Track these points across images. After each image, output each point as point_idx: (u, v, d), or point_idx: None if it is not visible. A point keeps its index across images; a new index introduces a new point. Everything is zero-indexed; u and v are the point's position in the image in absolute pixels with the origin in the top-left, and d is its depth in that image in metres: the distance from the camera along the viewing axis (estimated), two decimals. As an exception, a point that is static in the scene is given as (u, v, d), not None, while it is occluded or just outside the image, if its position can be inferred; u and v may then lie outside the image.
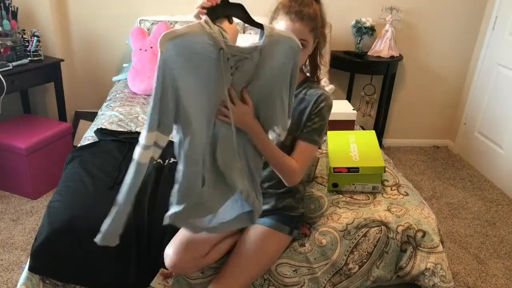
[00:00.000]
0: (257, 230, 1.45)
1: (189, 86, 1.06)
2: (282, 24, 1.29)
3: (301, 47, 1.20)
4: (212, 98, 1.11)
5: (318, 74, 1.47)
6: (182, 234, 1.38)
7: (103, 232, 1.10)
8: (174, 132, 1.11)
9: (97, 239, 1.10)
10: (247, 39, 2.61)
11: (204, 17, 1.08)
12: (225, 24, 1.14)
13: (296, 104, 1.40)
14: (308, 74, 1.47)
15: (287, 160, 1.33)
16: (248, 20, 1.16)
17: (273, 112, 1.23)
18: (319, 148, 1.43)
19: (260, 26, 1.14)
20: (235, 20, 1.18)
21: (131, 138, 1.95)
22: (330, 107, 1.39)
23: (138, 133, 2.00)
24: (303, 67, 1.46)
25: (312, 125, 1.37)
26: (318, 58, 1.44)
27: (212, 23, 1.07)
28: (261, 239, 1.43)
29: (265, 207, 1.46)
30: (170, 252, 1.35)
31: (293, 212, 1.49)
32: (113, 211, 1.10)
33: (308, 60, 1.43)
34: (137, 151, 1.05)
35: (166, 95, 1.03)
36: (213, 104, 1.12)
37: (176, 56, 1.01)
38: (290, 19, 1.28)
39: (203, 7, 1.10)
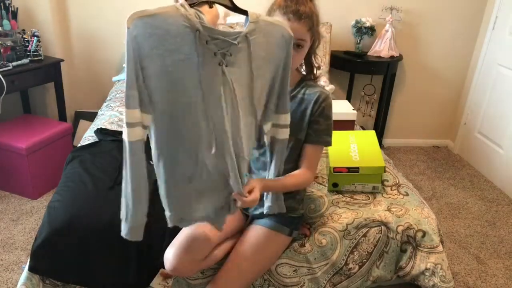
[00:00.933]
0: (257, 231, 1.45)
1: (162, 70, 0.99)
2: None
3: (292, 35, 1.17)
4: (203, 87, 1.03)
5: (315, 72, 1.46)
6: (181, 237, 1.37)
7: (123, 227, 1.09)
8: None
9: (122, 233, 1.10)
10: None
11: (181, 0, 1.02)
12: (204, 8, 1.09)
13: (296, 106, 1.39)
14: (304, 73, 1.46)
15: (300, 179, 1.39)
16: (232, 6, 1.11)
17: (281, 101, 1.22)
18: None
19: (244, 12, 1.09)
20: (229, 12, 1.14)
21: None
22: (331, 105, 1.40)
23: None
24: (299, 66, 1.44)
25: (319, 127, 1.39)
26: (313, 57, 1.42)
27: (189, 6, 1.01)
28: (260, 240, 1.43)
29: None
30: (170, 256, 1.34)
31: (293, 213, 1.48)
32: (122, 202, 1.08)
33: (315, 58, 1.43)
34: (123, 131, 1.02)
35: (138, 72, 0.99)
36: (204, 94, 1.04)
37: (147, 36, 0.96)
38: (287, 19, 1.26)
39: None
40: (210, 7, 1.10)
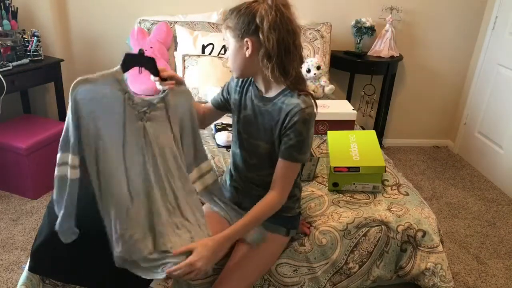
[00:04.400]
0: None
1: (98, 125, 1.20)
2: None
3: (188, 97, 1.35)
4: (127, 140, 1.25)
5: (300, 86, 1.31)
6: None
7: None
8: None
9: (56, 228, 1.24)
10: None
11: (116, 68, 1.24)
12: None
13: (274, 112, 1.32)
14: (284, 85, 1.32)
15: (265, 209, 1.31)
16: (156, 74, 1.32)
17: (198, 152, 1.40)
18: (303, 164, 1.37)
19: (165, 79, 1.33)
20: None
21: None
22: (305, 120, 1.26)
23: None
24: (266, 75, 1.28)
25: (288, 141, 1.29)
26: (285, 65, 1.26)
27: (122, 72, 1.26)
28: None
29: None
30: None
31: (289, 213, 1.47)
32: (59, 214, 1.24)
33: (270, 69, 1.26)
34: (56, 169, 1.20)
35: (74, 126, 1.19)
36: (127, 147, 1.25)
37: (88, 100, 1.19)
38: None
39: None
40: (140, 72, 1.33)
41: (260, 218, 1.32)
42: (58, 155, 1.20)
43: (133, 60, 1.30)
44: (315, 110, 1.31)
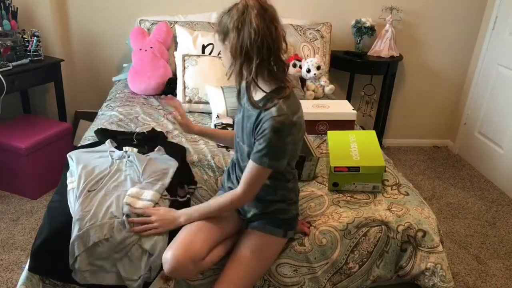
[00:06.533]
0: (251, 235, 1.44)
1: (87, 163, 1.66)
2: None
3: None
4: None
5: (284, 91, 1.30)
6: (179, 239, 1.36)
7: None
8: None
9: None
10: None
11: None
12: None
13: (254, 115, 1.32)
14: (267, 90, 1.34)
15: (224, 202, 1.39)
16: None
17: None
18: (300, 168, 1.41)
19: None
20: None
21: (131, 139, 1.94)
22: (275, 128, 1.24)
23: (139, 133, 2.02)
24: (253, 80, 1.29)
25: (258, 145, 1.29)
26: (262, 73, 1.29)
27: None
28: (255, 245, 1.42)
29: (255, 211, 1.45)
30: (168, 257, 1.31)
31: (285, 215, 1.46)
32: None
33: (253, 69, 1.27)
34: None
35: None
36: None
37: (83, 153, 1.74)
38: None
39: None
40: None
41: (217, 208, 1.41)
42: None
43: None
44: (291, 117, 1.26)
